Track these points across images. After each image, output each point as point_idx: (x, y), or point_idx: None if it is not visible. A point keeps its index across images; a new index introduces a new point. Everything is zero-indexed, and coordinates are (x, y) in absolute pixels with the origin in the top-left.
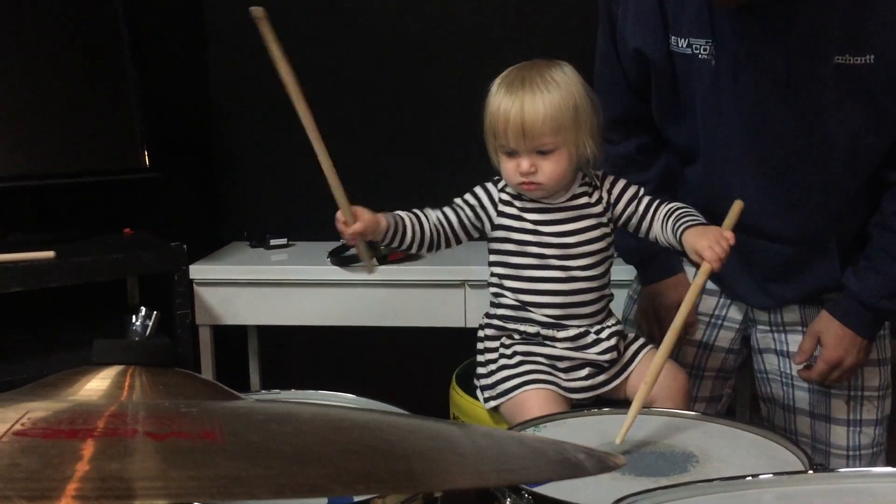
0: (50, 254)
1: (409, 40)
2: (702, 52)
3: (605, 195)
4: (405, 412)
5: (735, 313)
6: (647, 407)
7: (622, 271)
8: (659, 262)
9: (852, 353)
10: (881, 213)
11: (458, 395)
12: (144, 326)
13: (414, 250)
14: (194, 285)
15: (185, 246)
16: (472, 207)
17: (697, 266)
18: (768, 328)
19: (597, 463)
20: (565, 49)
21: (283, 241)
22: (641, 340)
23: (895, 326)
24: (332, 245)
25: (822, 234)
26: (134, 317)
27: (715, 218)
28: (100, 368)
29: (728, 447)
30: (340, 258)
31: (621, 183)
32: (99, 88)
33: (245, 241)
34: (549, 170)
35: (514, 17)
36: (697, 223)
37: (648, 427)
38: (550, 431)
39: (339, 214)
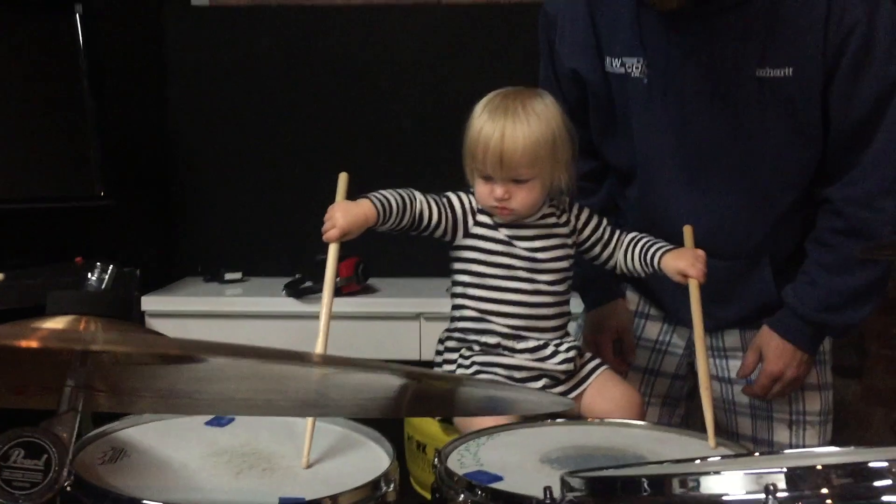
0: None
1: (392, 64)
2: (634, 70)
3: (572, 220)
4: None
5: (678, 339)
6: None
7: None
8: (601, 286)
9: (793, 366)
10: (816, 229)
11: None
12: (100, 280)
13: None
14: (147, 317)
15: (137, 272)
16: (452, 211)
17: (674, 289)
18: (710, 353)
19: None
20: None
21: (238, 275)
22: (597, 360)
23: (836, 357)
24: (287, 279)
25: (755, 249)
26: (90, 272)
27: (655, 237)
28: (55, 318)
29: (678, 451)
30: (296, 290)
31: (587, 211)
32: (56, 116)
33: (199, 276)
34: (521, 197)
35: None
36: (669, 248)
37: (599, 434)
38: (503, 440)
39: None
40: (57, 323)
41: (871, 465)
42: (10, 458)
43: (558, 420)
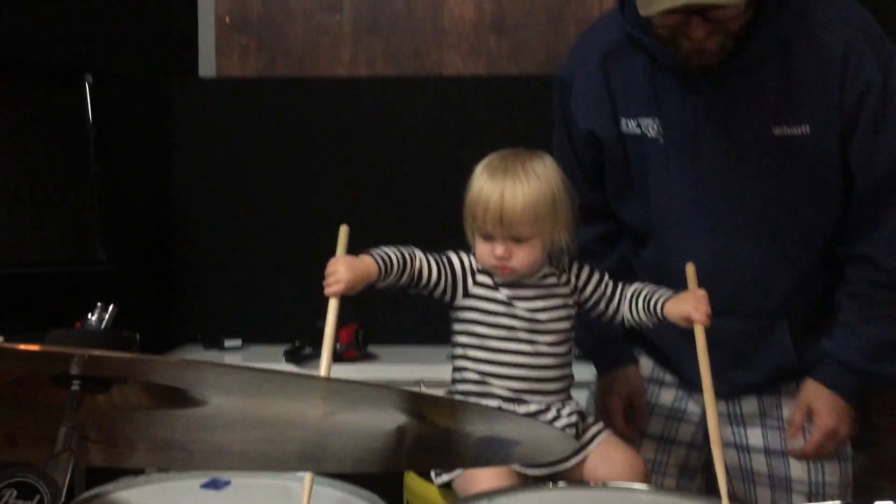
0: None
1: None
2: (650, 131)
3: (573, 279)
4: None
5: (694, 406)
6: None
7: (586, 371)
8: (612, 351)
9: (846, 422)
10: (847, 282)
11: (411, 479)
12: (100, 319)
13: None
14: None
15: (137, 335)
16: (453, 270)
17: (681, 335)
18: (727, 420)
19: None
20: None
21: (238, 342)
22: (600, 424)
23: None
24: (287, 346)
25: (774, 309)
26: (90, 313)
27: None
28: None
29: None
30: (296, 357)
31: (587, 269)
32: (61, 181)
33: (199, 343)
34: (522, 257)
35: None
36: (671, 294)
37: (600, 499)
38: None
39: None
40: None
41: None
42: (2, 497)
43: (559, 483)
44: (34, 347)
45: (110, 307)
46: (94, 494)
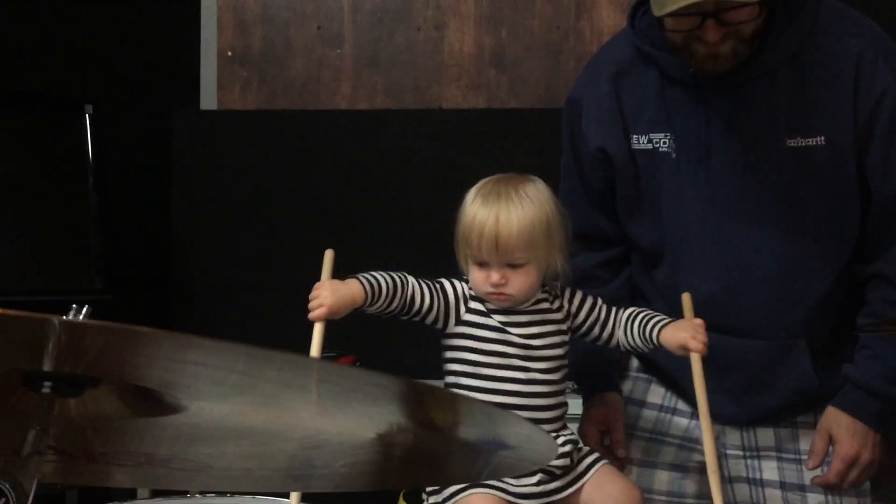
0: None
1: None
2: (661, 145)
3: (566, 304)
4: None
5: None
6: None
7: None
8: (595, 377)
9: (868, 448)
10: (870, 303)
11: None
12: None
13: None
14: None
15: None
16: (445, 297)
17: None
18: (741, 453)
19: None
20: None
21: None
22: (596, 454)
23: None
24: None
25: (792, 330)
26: (65, 315)
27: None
28: None
29: None
30: None
31: (580, 294)
32: (59, 210)
33: None
34: (518, 283)
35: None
36: (667, 321)
37: None
38: None
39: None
40: None
41: None
42: None
43: None
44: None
45: (85, 307)
46: None
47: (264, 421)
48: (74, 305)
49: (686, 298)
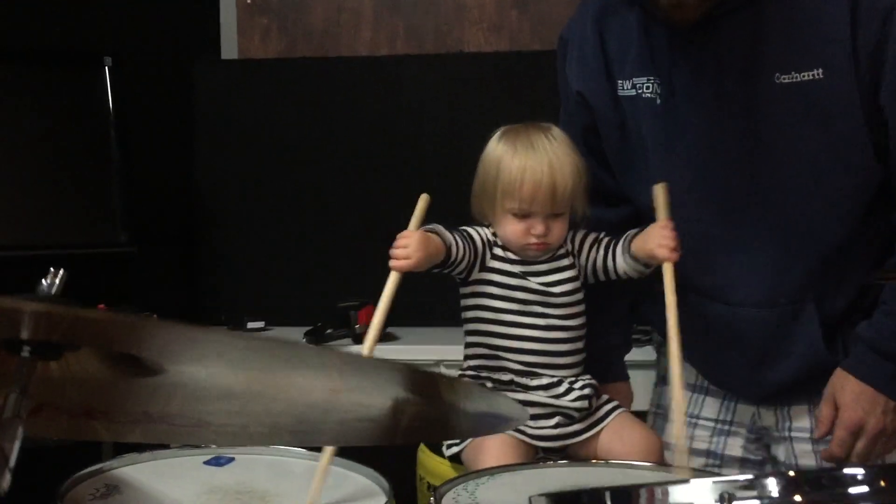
0: None
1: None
2: (645, 90)
3: (569, 245)
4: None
5: (741, 416)
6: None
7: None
8: (602, 366)
9: (875, 414)
10: (893, 256)
11: (424, 455)
12: (52, 285)
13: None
14: None
15: (155, 316)
16: (474, 244)
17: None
18: (785, 444)
19: None
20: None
21: (261, 324)
22: (615, 402)
23: None
24: (309, 327)
25: (795, 295)
26: (43, 278)
27: (682, 290)
28: None
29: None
30: (317, 338)
31: (581, 233)
32: (82, 164)
33: (223, 325)
34: (558, 232)
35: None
36: (636, 233)
37: (605, 477)
38: (504, 480)
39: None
40: None
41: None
42: None
43: (561, 462)
44: None
45: (60, 272)
46: (97, 469)
47: (256, 386)
48: (52, 269)
49: (658, 190)
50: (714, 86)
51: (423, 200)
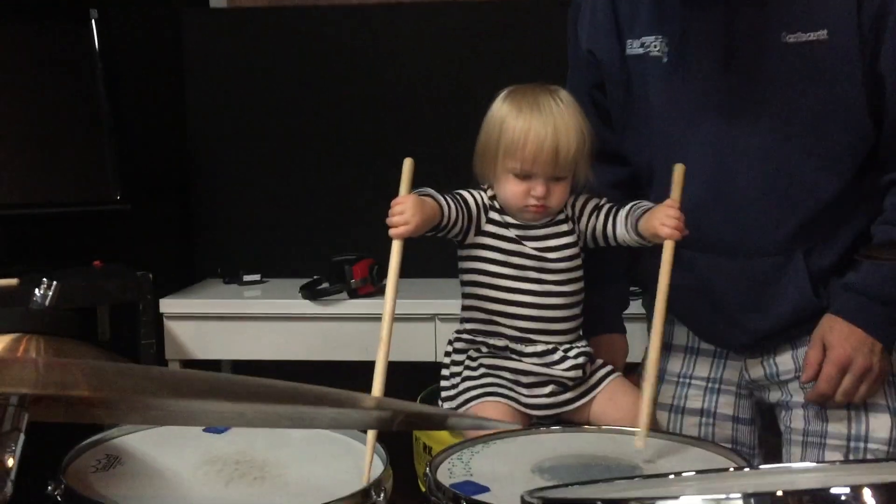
0: (13, 281)
1: (409, 63)
2: (653, 49)
3: (569, 210)
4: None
5: (731, 374)
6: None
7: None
8: (597, 317)
9: (863, 352)
10: (884, 211)
11: None
12: (45, 296)
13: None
14: (165, 319)
15: (150, 276)
16: (468, 208)
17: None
18: (777, 389)
19: None
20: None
21: (257, 276)
22: (609, 367)
23: None
24: (305, 281)
25: (785, 245)
26: (36, 288)
27: (676, 244)
28: None
29: (674, 460)
30: (312, 292)
31: (582, 198)
32: (72, 121)
33: (218, 278)
34: (558, 195)
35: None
36: (644, 210)
37: (597, 443)
38: (498, 449)
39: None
40: None
41: (832, 490)
42: None
43: (554, 427)
44: None
45: (53, 284)
46: (99, 439)
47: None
48: (45, 280)
49: (677, 170)
50: (722, 43)
51: (408, 164)
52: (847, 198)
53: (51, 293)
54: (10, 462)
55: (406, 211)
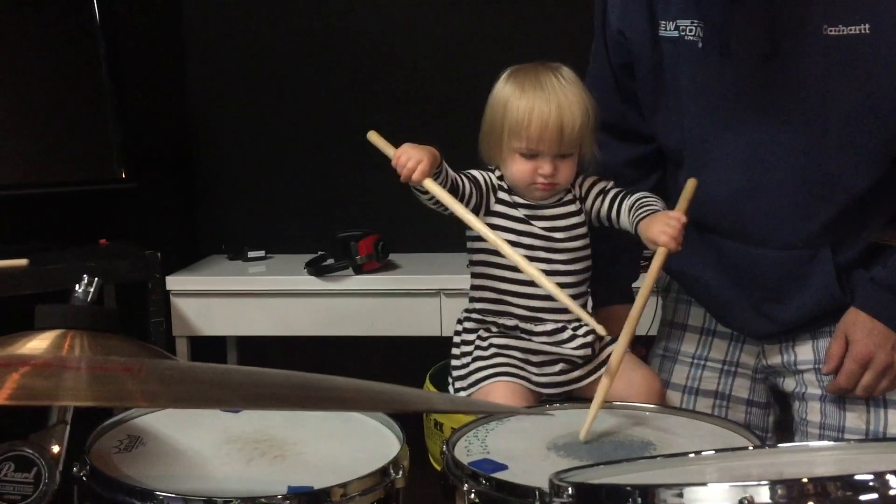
0: (23, 261)
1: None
2: (688, 33)
3: (577, 190)
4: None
5: (747, 358)
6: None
7: None
8: (605, 287)
9: (885, 349)
10: None
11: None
12: (86, 293)
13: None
14: (171, 297)
15: (158, 254)
16: (479, 185)
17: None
18: (793, 378)
19: None
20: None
21: (261, 253)
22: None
23: None
24: (310, 257)
25: (814, 239)
26: (77, 284)
27: (701, 228)
28: (42, 332)
29: (687, 436)
30: (317, 268)
31: (590, 179)
32: (75, 100)
33: (223, 254)
34: (566, 172)
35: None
36: (648, 213)
37: (610, 420)
38: (511, 426)
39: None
40: (43, 339)
41: (856, 477)
42: (1, 471)
43: (566, 404)
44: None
45: (95, 280)
46: (119, 420)
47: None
48: (85, 277)
49: (689, 184)
50: (763, 34)
51: (373, 135)
52: (878, 192)
53: (92, 289)
54: (57, 449)
55: (411, 154)
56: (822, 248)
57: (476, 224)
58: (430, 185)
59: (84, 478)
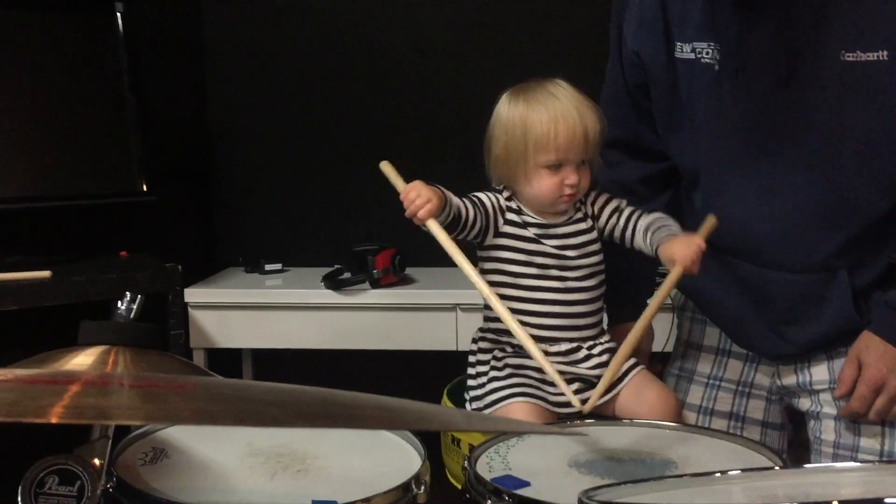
0: (46, 273)
1: (433, 52)
2: (704, 55)
3: (589, 209)
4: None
5: (762, 378)
6: (630, 419)
7: None
8: (619, 303)
9: None
10: None
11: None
12: (129, 310)
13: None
14: (189, 309)
15: (179, 267)
16: (485, 209)
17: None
18: (808, 398)
19: None
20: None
21: (278, 265)
22: (633, 360)
23: None
24: (326, 270)
25: (830, 262)
26: (119, 301)
27: (718, 250)
28: (86, 348)
29: (708, 455)
30: (334, 282)
31: (603, 196)
32: (97, 113)
33: (240, 267)
34: (586, 180)
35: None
36: (669, 235)
37: (629, 437)
38: (532, 443)
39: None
40: (88, 356)
41: (886, 501)
42: (45, 485)
43: (587, 421)
44: (52, 420)
45: (138, 297)
46: (143, 432)
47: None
48: (128, 294)
49: (710, 219)
50: (780, 58)
51: (385, 166)
52: (893, 217)
53: (135, 306)
54: (99, 463)
55: (420, 192)
56: (839, 271)
57: (469, 271)
58: (433, 227)
59: (111, 489)
